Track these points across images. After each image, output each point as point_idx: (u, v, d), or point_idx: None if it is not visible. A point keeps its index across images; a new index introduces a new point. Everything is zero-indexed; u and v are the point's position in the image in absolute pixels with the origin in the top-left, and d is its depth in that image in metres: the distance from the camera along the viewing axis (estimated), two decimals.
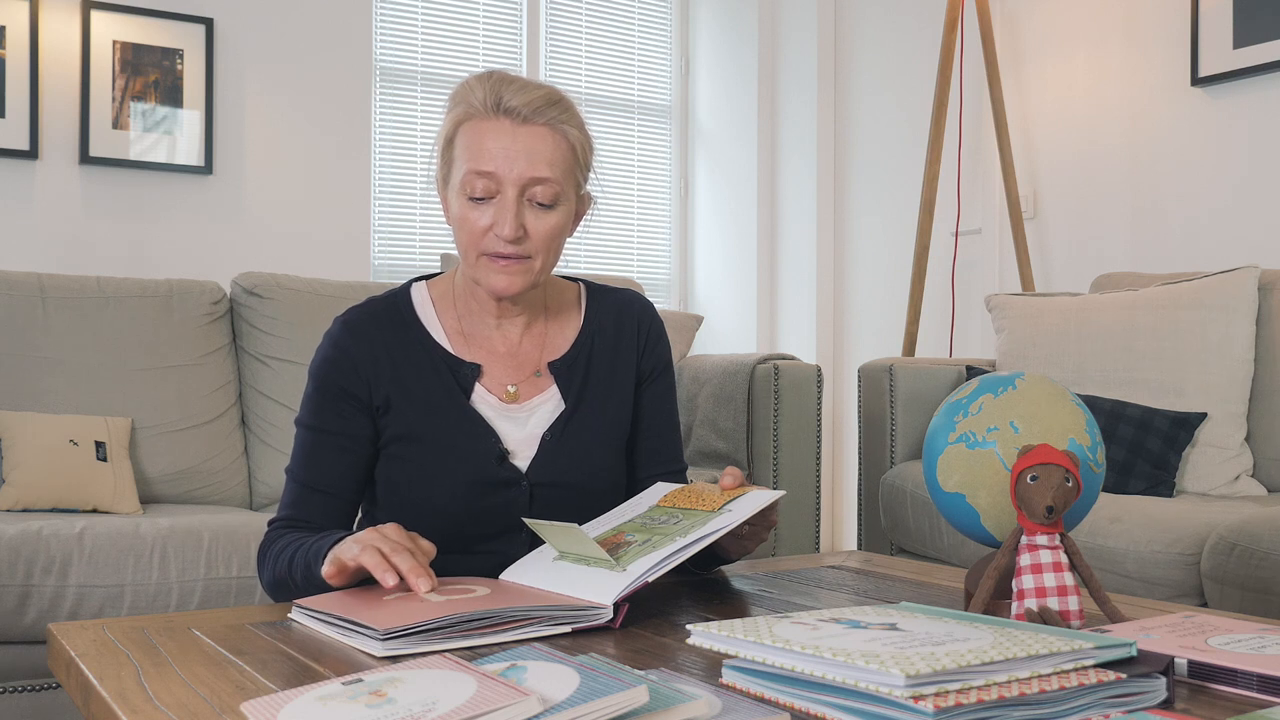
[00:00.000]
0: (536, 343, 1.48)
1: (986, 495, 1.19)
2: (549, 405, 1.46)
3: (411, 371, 1.42)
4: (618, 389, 1.50)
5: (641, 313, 1.54)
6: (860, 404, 3.09)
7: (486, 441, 1.41)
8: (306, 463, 1.42)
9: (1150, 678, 0.85)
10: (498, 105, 1.34)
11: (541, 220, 1.36)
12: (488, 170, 1.33)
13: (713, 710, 0.81)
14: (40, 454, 2.44)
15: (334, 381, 1.41)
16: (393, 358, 1.42)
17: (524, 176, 1.33)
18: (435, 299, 1.48)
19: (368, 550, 1.18)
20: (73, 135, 3.40)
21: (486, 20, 4.24)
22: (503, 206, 1.34)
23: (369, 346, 1.42)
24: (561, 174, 1.36)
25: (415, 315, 1.46)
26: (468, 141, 1.35)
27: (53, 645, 1.15)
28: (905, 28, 4.13)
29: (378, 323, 1.44)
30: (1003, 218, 3.71)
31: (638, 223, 4.60)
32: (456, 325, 1.47)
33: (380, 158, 4.00)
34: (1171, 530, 2.08)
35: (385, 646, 1.03)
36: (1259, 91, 3.09)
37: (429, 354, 1.43)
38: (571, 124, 1.38)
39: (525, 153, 1.33)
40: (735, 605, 1.30)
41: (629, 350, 1.51)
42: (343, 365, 1.41)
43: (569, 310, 1.52)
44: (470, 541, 1.41)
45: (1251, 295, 2.63)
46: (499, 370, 1.45)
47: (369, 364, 1.42)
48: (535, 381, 1.46)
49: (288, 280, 3.00)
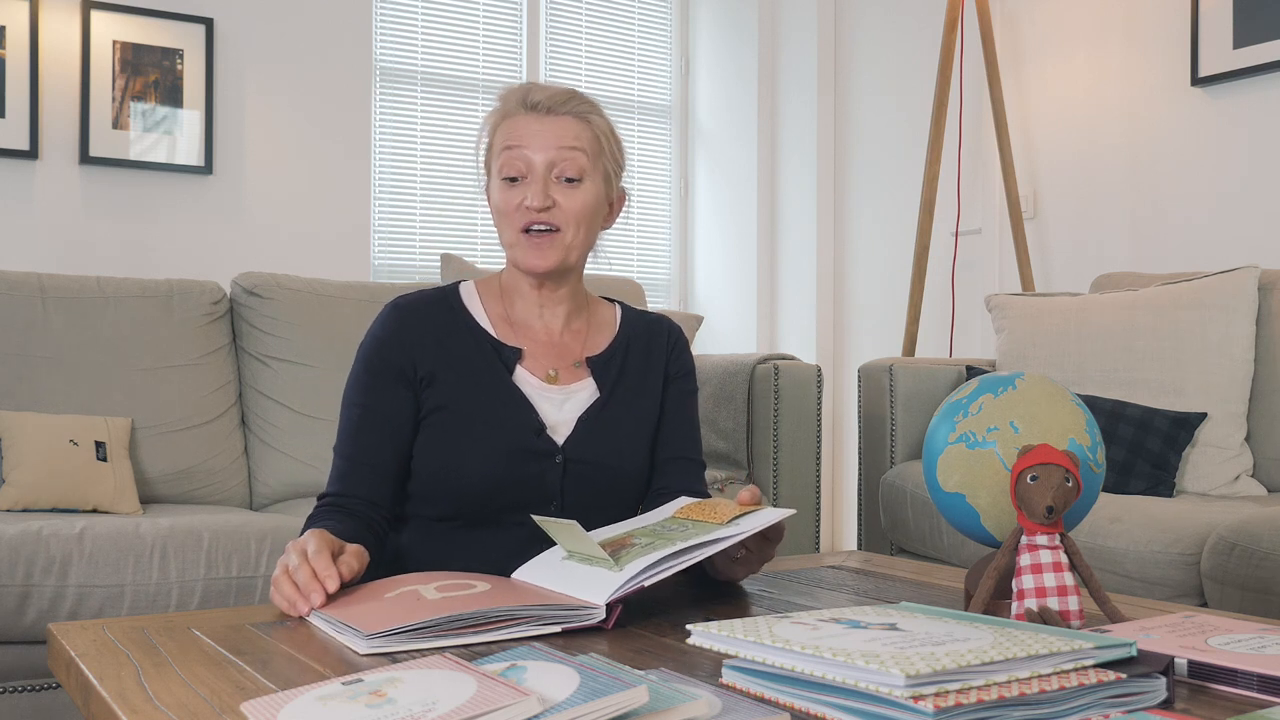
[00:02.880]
0: (577, 338, 1.57)
1: (986, 495, 1.19)
2: (585, 393, 1.54)
3: (457, 350, 1.51)
4: (648, 389, 1.59)
5: (671, 328, 1.66)
6: (860, 404, 3.09)
7: (526, 414, 1.49)
8: (354, 439, 1.48)
9: (1150, 678, 0.85)
10: (525, 101, 1.49)
11: (570, 195, 1.47)
12: (519, 149, 1.46)
13: (713, 710, 0.81)
14: (40, 454, 2.44)
15: (382, 358, 1.49)
16: (438, 336, 1.51)
17: (550, 153, 1.46)
18: (482, 293, 1.58)
19: (275, 587, 1.22)
20: (73, 135, 3.40)
21: (486, 20, 4.24)
22: (532, 181, 1.46)
23: (417, 326, 1.51)
24: (587, 150, 1.48)
25: (462, 304, 1.55)
26: (503, 134, 1.49)
27: (53, 645, 1.15)
28: (905, 28, 4.13)
29: (427, 306, 1.53)
30: (1003, 218, 3.71)
31: (638, 223, 4.60)
32: (502, 314, 1.56)
33: (380, 158, 4.00)
34: (1171, 530, 2.08)
35: (369, 644, 1.04)
36: (1259, 91, 3.09)
37: (474, 336, 1.52)
38: (596, 114, 1.51)
39: (553, 134, 1.47)
40: (735, 605, 1.31)
41: (658, 358, 1.61)
42: (390, 343, 1.49)
43: (606, 322, 1.63)
44: (502, 512, 1.46)
45: (1251, 295, 2.63)
46: (541, 355, 1.54)
47: (415, 341, 1.50)
48: (574, 371, 1.55)
49: (288, 280, 3.00)
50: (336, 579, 1.20)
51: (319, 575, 1.20)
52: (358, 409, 1.49)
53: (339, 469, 1.48)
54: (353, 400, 1.50)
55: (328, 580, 1.20)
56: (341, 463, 1.48)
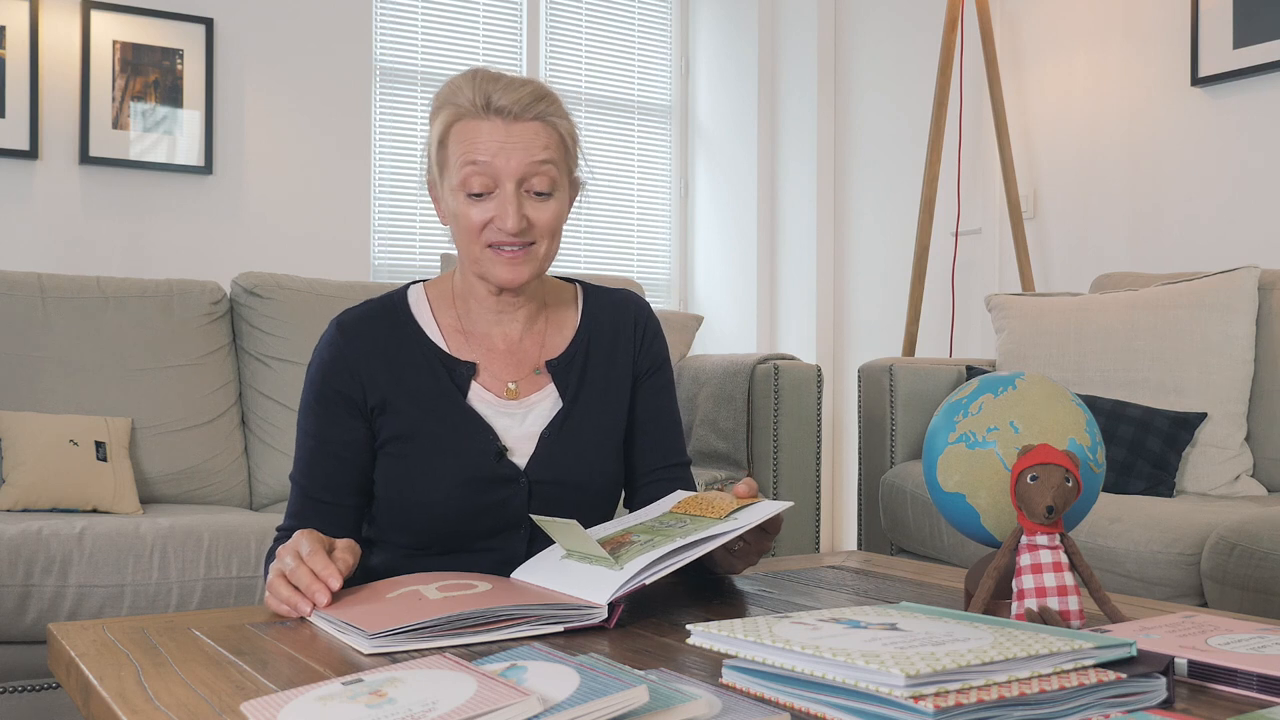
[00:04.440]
0: (536, 340, 1.48)
1: (986, 495, 1.19)
2: (547, 403, 1.46)
3: (407, 371, 1.42)
4: (614, 388, 1.50)
5: (637, 311, 1.55)
6: (860, 404, 3.09)
7: (484, 439, 1.41)
8: (308, 471, 1.43)
9: (1150, 678, 0.85)
10: (487, 105, 1.36)
11: (541, 209, 1.38)
12: (485, 163, 1.35)
13: (713, 710, 0.81)
14: (40, 454, 2.44)
15: (330, 386, 1.42)
16: (388, 357, 1.42)
17: (521, 168, 1.36)
18: (432, 299, 1.49)
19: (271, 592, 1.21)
20: (73, 135, 3.40)
21: (486, 20, 4.24)
22: (502, 200, 1.36)
23: (364, 347, 1.42)
24: (556, 162, 1.39)
25: (410, 315, 1.46)
26: (462, 141, 1.37)
27: (53, 645, 1.15)
28: (905, 28, 4.13)
29: (372, 323, 1.44)
30: (1003, 218, 3.71)
31: (638, 223, 4.60)
32: (455, 324, 1.47)
33: (380, 158, 4.00)
34: (1171, 530, 2.08)
35: (373, 644, 1.04)
36: (1259, 91, 3.09)
37: (424, 353, 1.44)
38: (559, 115, 1.41)
39: (520, 146, 1.36)
40: (735, 605, 1.30)
41: (625, 349, 1.52)
42: (338, 368, 1.42)
43: (566, 310, 1.53)
44: (470, 539, 1.41)
45: (1251, 295, 2.63)
46: (499, 367, 1.46)
47: (364, 365, 1.42)
48: (534, 379, 1.47)
49: (288, 280, 3.00)
50: (338, 576, 1.19)
51: (320, 575, 1.19)
52: (312, 440, 1.42)
53: (296, 501, 1.43)
54: (306, 429, 1.43)
55: (330, 579, 1.18)
56: (298, 495, 1.43)
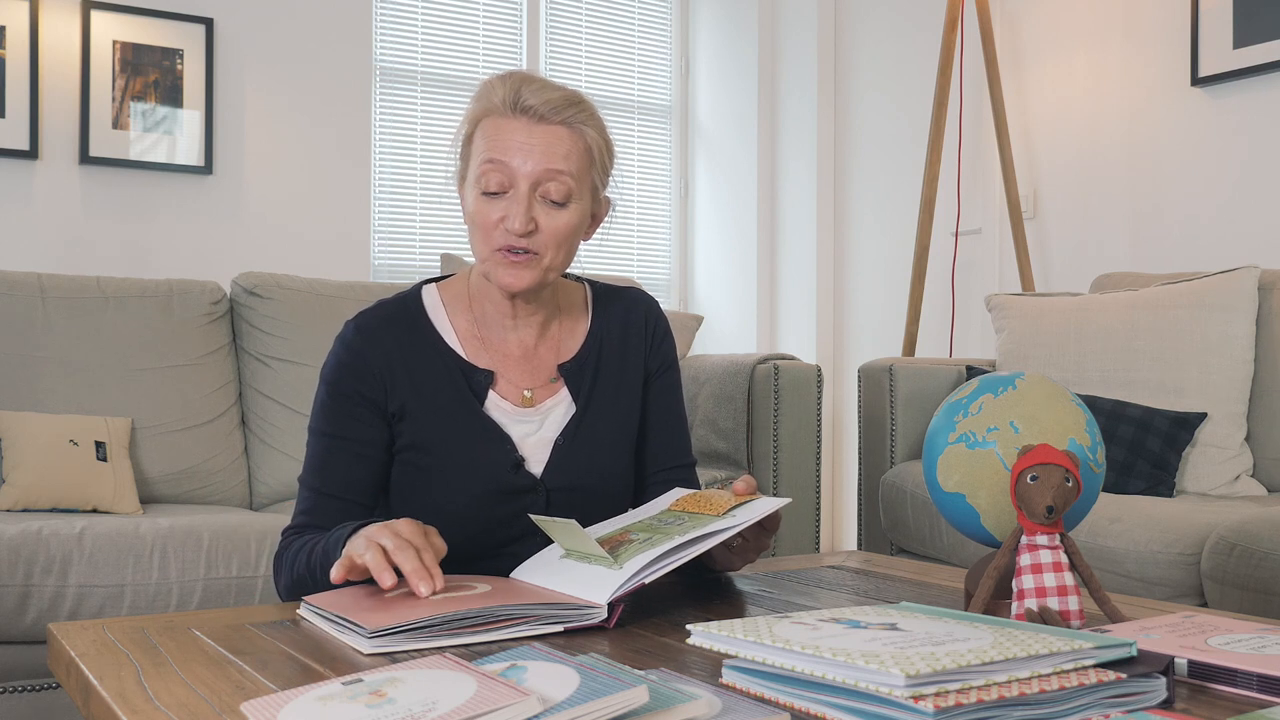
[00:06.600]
0: (551, 346, 1.47)
1: (986, 495, 1.19)
2: (561, 408, 1.45)
3: (425, 377, 1.41)
4: (626, 390, 1.50)
5: (648, 310, 1.54)
6: (860, 404, 3.09)
7: (501, 449, 1.41)
8: (321, 469, 1.39)
9: (1150, 678, 0.85)
10: (516, 103, 1.34)
11: (553, 218, 1.35)
12: (502, 163, 1.33)
13: (713, 710, 0.81)
14: (40, 454, 2.44)
15: (348, 385, 1.39)
16: (406, 362, 1.41)
17: (537, 171, 1.33)
18: (447, 302, 1.47)
19: (372, 548, 1.15)
20: (73, 135, 3.40)
21: (486, 20, 4.24)
22: (515, 200, 1.33)
23: (383, 350, 1.41)
24: (575, 172, 1.35)
25: (427, 318, 1.45)
26: (485, 137, 1.35)
27: (53, 645, 1.15)
28: (905, 28, 4.13)
29: (390, 326, 1.43)
30: (1003, 218, 3.71)
31: (638, 223, 4.60)
32: (470, 329, 1.45)
33: (380, 158, 4.00)
34: (1171, 530, 2.08)
35: (372, 644, 1.04)
36: (1259, 91, 3.09)
37: (442, 359, 1.42)
38: (590, 125, 1.37)
39: (541, 148, 1.33)
40: (735, 605, 1.30)
41: (636, 350, 1.51)
42: (357, 369, 1.40)
43: (577, 311, 1.52)
44: (489, 547, 1.40)
45: (1251, 295, 2.63)
46: (515, 374, 1.45)
47: (383, 368, 1.40)
48: (549, 386, 1.46)
49: (288, 280, 3.00)
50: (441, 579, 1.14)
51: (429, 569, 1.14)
52: (325, 438, 1.39)
53: (306, 500, 1.39)
54: (319, 429, 1.40)
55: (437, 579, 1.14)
56: (309, 494, 1.39)
